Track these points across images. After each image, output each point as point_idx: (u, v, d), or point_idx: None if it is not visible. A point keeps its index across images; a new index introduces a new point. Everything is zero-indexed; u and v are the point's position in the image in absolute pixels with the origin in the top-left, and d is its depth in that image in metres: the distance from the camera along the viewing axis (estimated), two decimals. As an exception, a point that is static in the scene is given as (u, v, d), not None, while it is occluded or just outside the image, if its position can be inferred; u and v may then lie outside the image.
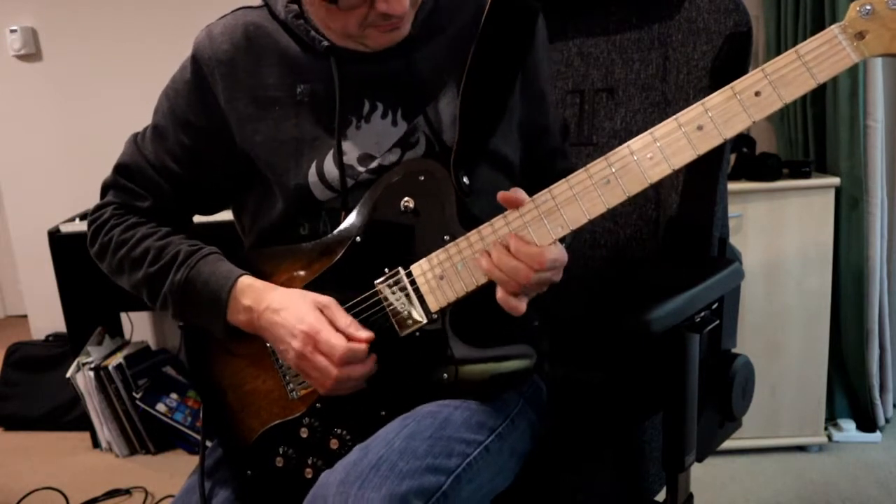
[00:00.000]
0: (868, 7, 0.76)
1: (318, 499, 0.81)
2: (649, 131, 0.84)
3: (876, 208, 2.07)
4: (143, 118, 1.07)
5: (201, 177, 1.03)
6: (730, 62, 1.14)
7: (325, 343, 0.88)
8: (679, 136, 0.82)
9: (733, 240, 1.17)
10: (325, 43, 0.95)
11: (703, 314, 0.99)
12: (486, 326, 0.92)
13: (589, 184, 0.85)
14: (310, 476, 0.95)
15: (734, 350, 1.12)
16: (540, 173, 1.03)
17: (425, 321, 0.92)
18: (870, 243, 2.09)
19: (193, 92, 0.99)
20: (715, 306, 1.03)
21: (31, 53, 2.82)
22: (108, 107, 2.77)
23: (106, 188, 1.06)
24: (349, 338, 0.90)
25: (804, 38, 2.45)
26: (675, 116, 0.83)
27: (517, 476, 0.98)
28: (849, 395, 2.22)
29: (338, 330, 0.90)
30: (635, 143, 0.84)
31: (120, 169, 1.04)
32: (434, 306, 0.91)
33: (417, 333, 0.92)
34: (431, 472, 0.82)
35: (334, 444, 0.94)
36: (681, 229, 1.17)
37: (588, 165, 0.85)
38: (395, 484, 0.79)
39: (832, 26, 0.78)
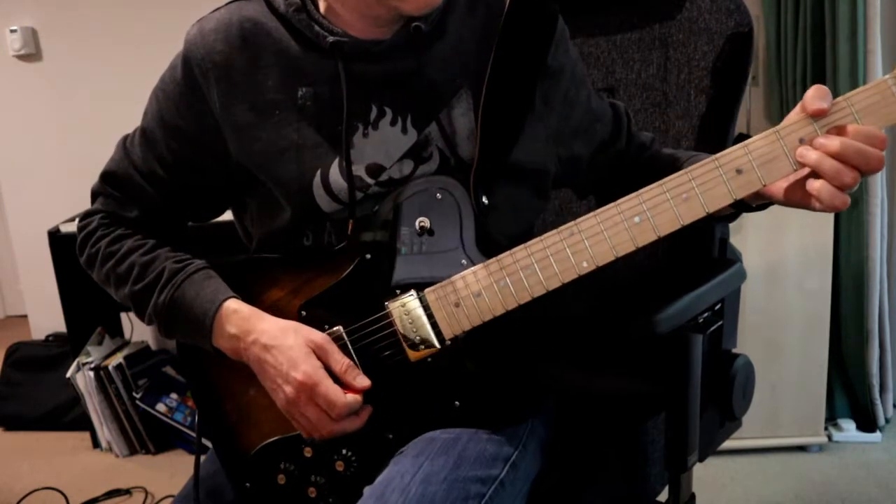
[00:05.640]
0: None
1: None
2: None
3: (876, 208, 2.07)
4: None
5: (192, 184, 0.98)
6: (731, 62, 1.14)
7: (322, 397, 0.84)
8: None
9: (733, 240, 1.17)
10: (331, 38, 0.88)
11: (706, 315, 0.99)
12: (501, 351, 0.88)
13: (619, 220, 0.82)
14: (313, 495, 0.92)
15: (734, 350, 1.12)
16: (621, 170, 1.02)
17: (438, 348, 0.86)
18: (870, 243, 2.08)
19: (184, 97, 0.93)
20: (717, 307, 1.03)
21: (31, 53, 2.81)
22: (108, 107, 2.76)
23: (95, 195, 1.02)
24: (347, 385, 0.85)
25: (804, 39, 2.43)
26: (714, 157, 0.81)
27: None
28: (849, 395, 2.22)
29: (334, 374, 0.86)
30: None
31: (107, 177, 1.00)
32: (448, 333, 0.86)
33: (429, 359, 0.87)
34: None
35: (339, 465, 0.90)
36: (681, 229, 1.17)
37: (619, 201, 0.82)
38: None
39: (885, 76, 0.76)
